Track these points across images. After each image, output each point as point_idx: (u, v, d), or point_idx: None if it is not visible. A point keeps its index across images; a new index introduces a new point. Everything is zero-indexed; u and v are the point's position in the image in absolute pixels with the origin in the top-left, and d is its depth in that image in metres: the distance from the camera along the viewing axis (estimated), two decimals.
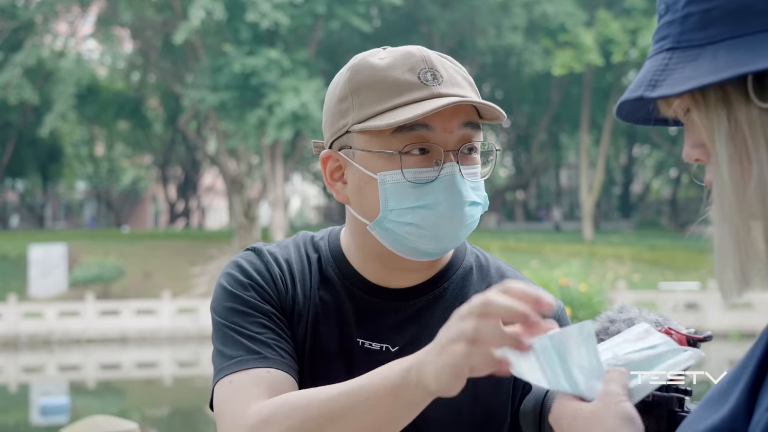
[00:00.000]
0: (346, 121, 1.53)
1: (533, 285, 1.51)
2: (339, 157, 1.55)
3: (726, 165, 0.88)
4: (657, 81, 0.91)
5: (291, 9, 32.17)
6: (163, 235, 42.97)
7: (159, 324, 29.17)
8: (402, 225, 1.49)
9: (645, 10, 35.40)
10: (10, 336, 28.78)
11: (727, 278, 0.89)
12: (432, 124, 1.47)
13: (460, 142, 1.49)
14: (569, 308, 19.02)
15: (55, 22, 40.16)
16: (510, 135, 56.23)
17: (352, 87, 1.53)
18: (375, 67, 1.53)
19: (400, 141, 1.48)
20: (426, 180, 1.47)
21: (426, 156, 1.48)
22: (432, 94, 1.48)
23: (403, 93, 1.48)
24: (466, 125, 1.50)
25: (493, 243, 34.63)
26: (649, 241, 40.08)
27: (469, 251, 1.68)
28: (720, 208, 0.89)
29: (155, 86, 46.60)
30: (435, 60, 1.54)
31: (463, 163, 1.50)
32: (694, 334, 1.08)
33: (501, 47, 38.92)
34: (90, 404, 19.52)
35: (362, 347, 1.57)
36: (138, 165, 58.67)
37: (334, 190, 1.58)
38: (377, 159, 1.50)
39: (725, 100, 0.88)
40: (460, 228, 1.50)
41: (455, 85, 1.51)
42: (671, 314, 1.14)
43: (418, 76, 1.50)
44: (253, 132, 33.11)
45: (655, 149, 54.34)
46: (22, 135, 45.83)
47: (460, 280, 1.62)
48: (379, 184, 1.50)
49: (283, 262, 1.62)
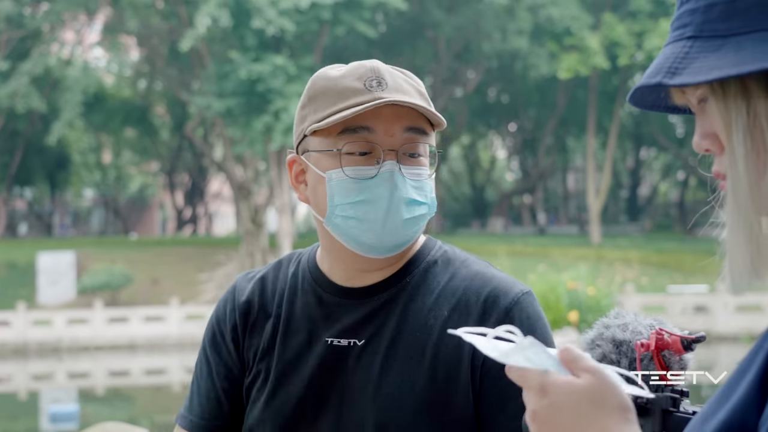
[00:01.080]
0: (304, 126, 1.65)
1: (495, 271, 1.67)
2: (300, 160, 1.68)
3: (742, 158, 0.88)
4: (677, 68, 0.91)
5: (296, 15, 32.22)
6: (171, 242, 43.03)
7: (167, 331, 29.21)
8: (346, 219, 1.60)
9: (651, 13, 35.35)
10: (19, 344, 28.83)
11: (738, 271, 0.89)
12: (374, 126, 1.58)
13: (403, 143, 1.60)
14: (577, 312, 18.97)
15: (61, 31, 40.29)
16: (516, 139, 56.19)
17: (309, 95, 1.66)
18: (329, 77, 1.64)
19: (344, 141, 1.59)
20: (366, 177, 1.58)
21: (368, 156, 1.59)
22: (374, 98, 1.57)
23: (349, 98, 1.59)
24: (409, 130, 1.60)
25: (499, 247, 34.59)
26: (657, 244, 40.00)
27: (437, 248, 1.75)
28: (734, 200, 0.89)
29: (162, 93, 46.70)
30: (384, 70, 1.63)
31: (406, 164, 1.60)
32: (687, 335, 1.10)
33: (506, 51, 38.91)
34: (99, 411, 19.54)
35: (330, 345, 1.67)
36: (145, 172, 58.78)
37: (298, 192, 1.70)
38: (325, 158, 1.61)
39: (745, 92, 0.88)
40: (400, 223, 1.59)
41: (399, 91, 1.60)
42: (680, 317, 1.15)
43: (364, 83, 1.60)
44: (259, 138, 33.15)
45: (662, 152, 54.25)
46: (30, 143, 45.95)
47: (423, 272, 1.69)
48: (327, 181, 1.61)
49: (256, 283, 1.79)
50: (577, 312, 18.86)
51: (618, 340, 1.18)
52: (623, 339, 1.17)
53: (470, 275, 1.66)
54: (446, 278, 1.67)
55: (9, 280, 35.22)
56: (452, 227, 52.91)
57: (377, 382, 1.62)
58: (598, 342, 1.19)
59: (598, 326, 1.22)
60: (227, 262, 35.69)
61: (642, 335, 1.16)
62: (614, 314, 1.22)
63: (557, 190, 63.85)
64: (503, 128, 55.58)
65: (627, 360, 1.15)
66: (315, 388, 1.66)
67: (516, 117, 52.36)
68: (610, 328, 1.20)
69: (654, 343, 1.10)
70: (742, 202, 0.88)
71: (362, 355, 1.64)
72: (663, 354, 1.11)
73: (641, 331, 1.17)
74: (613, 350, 1.18)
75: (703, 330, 1.15)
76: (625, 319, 1.20)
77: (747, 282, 0.89)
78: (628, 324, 1.19)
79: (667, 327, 1.15)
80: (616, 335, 1.18)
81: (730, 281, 0.90)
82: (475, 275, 1.66)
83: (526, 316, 1.58)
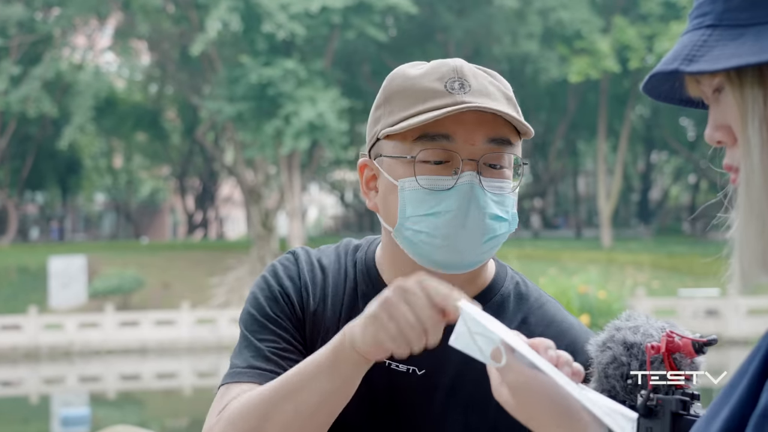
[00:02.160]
0: (377, 129, 1.52)
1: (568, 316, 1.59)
2: (372, 165, 1.54)
3: (758, 149, 0.86)
4: (695, 56, 0.89)
5: (307, 19, 32.26)
6: (182, 246, 43.10)
7: (178, 334, 29.25)
8: (417, 233, 1.46)
9: (661, 15, 35.28)
10: (31, 347, 28.92)
11: (747, 266, 0.88)
12: (453, 134, 1.45)
13: (485, 152, 1.46)
14: (588, 315, 18.94)
15: (73, 36, 40.46)
16: (527, 143, 55.70)
17: (385, 95, 1.52)
18: (407, 76, 1.51)
19: (419, 148, 1.46)
20: (442, 188, 1.44)
21: (445, 165, 1.45)
22: (455, 101, 1.45)
23: (428, 100, 1.46)
24: (492, 141, 1.47)
25: (510, 251, 34.54)
26: (668, 247, 39.88)
27: (510, 277, 1.62)
28: (746, 192, 0.87)
29: (173, 98, 46.81)
30: (467, 70, 1.50)
31: (487, 176, 1.46)
32: (698, 338, 1.10)
33: (517, 55, 38.88)
34: (110, 415, 19.58)
35: (388, 368, 1.53)
36: (156, 176, 58.90)
37: (368, 198, 1.56)
38: (399, 165, 1.48)
39: (762, 82, 0.87)
40: (480, 240, 1.46)
41: (485, 95, 1.47)
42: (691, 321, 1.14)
43: (445, 84, 1.47)
44: (270, 142, 33.20)
45: (673, 155, 54.09)
46: (42, 148, 46.11)
47: (497, 306, 1.56)
48: (399, 190, 1.47)
49: (318, 270, 1.61)
50: (588, 316, 18.80)
51: (629, 343, 1.17)
52: (634, 341, 1.17)
53: (546, 321, 1.56)
54: (519, 318, 1.56)
55: (21, 284, 35.34)
56: None
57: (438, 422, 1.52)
58: (609, 344, 1.19)
59: (609, 328, 1.21)
60: (238, 266, 35.74)
61: (653, 338, 1.16)
62: (625, 316, 1.22)
63: (568, 194, 63.73)
64: None
65: (638, 362, 1.15)
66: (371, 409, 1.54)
67: (526, 120, 52.15)
68: (621, 330, 1.19)
69: (665, 346, 1.10)
70: (755, 195, 0.87)
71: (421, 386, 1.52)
72: (674, 357, 1.10)
73: (652, 334, 1.17)
74: (624, 352, 1.17)
75: (715, 333, 1.14)
76: (636, 321, 1.20)
77: (756, 277, 0.88)
78: (639, 326, 1.18)
79: (678, 330, 1.15)
80: (627, 338, 1.18)
81: (739, 277, 0.89)
82: (551, 322, 1.56)
83: None
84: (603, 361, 1.19)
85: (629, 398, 1.14)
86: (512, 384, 1.14)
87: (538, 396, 1.12)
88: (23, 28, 37.37)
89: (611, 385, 1.16)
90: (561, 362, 1.15)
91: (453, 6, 38.26)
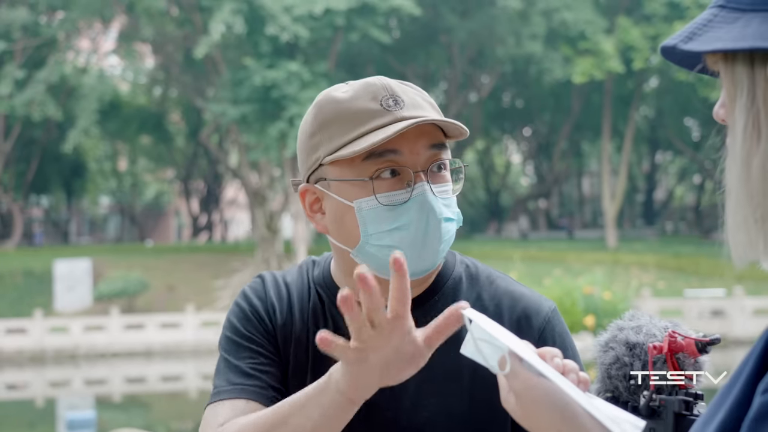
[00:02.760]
0: (318, 155, 1.58)
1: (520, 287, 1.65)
2: (316, 189, 1.61)
3: (740, 133, 0.87)
4: (694, 34, 0.91)
5: (310, 21, 32.27)
6: (187, 249, 43.12)
7: (183, 337, 29.26)
8: (382, 248, 1.54)
9: (665, 16, 35.24)
10: (36, 351, 28.95)
11: (735, 245, 0.89)
12: (399, 148, 1.53)
13: (428, 162, 1.55)
14: (594, 316, 18.91)
15: (77, 39, 40.50)
16: (531, 144, 56.09)
17: (318, 122, 1.58)
18: (338, 101, 1.57)
19: (371, 167, 1.53)
20: (400, 202, 1.52)
21: (397, 179, 1.54)
22: (395, 118, 1.52)
23: (368, 121, 1.53)
24: (432, 146, 1.55)
25: (515, 252, 34.52)
26: (673, 248, 39.83)
27: (459, 261, 1.71)
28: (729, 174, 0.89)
29: (177, 101, 46.85)
30: (395, 87, 1.58)
31: (434, 182, 1.55)
32: (701, 338, 1.09)
33: (521, 56, 38.85)
34: (116, 418, 19.59)
35: None
36: (161, 179, 58.97)
37: (314, 222, 1.63)
38: (351, 187, 1.55)
39: (750, 71, 0.87)
40: (439, 245, 1.55)
41: (417, 107, 1.56)
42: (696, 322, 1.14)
43: (380, 103, 1.54)
44: (274, 144, 33.20)
45: (678, 156, 54.03)
46: (46, 151, 46.17)
47: (451, 291, 1.65)
48: (357, 211, 1.55)
49: (284, 287, 1.71)
50: (594, 316, 18.81)
51: (631, 343, 1.17)
52: (637, 341, 1.16)
53: (498, 294, 1.64)
54: (473, 297, 1.64)
55: (26, 287, 35.38)
56: (468, 232, 52.86)
57: (414, 404, 1.59)
58: (612, 344, 1.18)
59: (612, 328, 1.20)
60: (243, 268, 35.72)
61: (656, 338, 1.15)
62: (629, 316, 1.21)
63: (572, 195, 63.68)
64: (518, 133, 55.49)
65: (640, 362, 1.14)
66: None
67: (531, 121, 52.26)
68: (624, 330, 1.18)
69: (667, 346, 1.09)
70: (734, 179, 0.89)
71: None
72: (677, 357, 1.10)
73: (655, 334, 1.16)
74: (627, 353, 1.16)
75: (720, 334, 1.14)
76: (639, 321, 1.19)
77: (746, 258, 0.89)
78: (642, 326, 1.17)
79: (681, 330, 1.14)
80: (630, 338, 1.17)
81: (731, 254, 0.90)
82: (504, 294, 1.64)
83: (558, 333, 1.55)
84: (606, 361, 1.18)
85: (632, 399, 1.13)
86: (519, 392, 1.14)
87: (545, 404, 1.12)
88: (27, 32, 37.43)
89: (614, 386, 1.16)
90: (567, 370, 1.18)
91: (456, 7, 38.25)
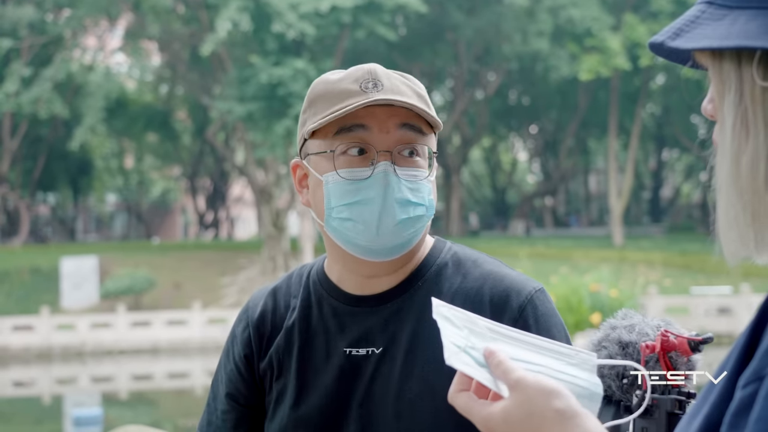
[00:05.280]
0: (304, 130, 1.66)
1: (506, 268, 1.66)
2: (302, 164, 1.69)
3: (729, 131, 0.87)
4: (681, 30, 0.91)
5: (317, 19, 32.26)
6: (193, 246, 43.17)
7: (190, 334, 29.30)
8: (343, 221, 1.60)
9: (672, 13, 35.15)
10: (43, 348, 29.02)
11: (727, 242, 0.89)
12: (369, 124, 1.58)
13: (398, 143, 1.59)
14: (600, 314, 18.89)
15: (83, 37, 40.55)
16: (537, 141, 56.02)
17: (309, 100, 1.66)
18: (327, 81, 1.65)
19: (341, 142, 1.59)
20: (361, 177, 1.57)
21: (363, 156, 1.59)
22: (368, 99, 1.56)
23: (344, 100, 1.58)
24: (404, 126, 1.59)
25: (521, 249, 34.49)
26: (680, 245, 39.75)
27: (447, 249, 1.73)
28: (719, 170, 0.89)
29: (183, 98, 46.88)
30: (381, 72, 1.62)
31: (402, 165, 1.59)
32: (694, 337, 1.08)
33: (527, 53, 38.81)
34: (123, 415, 19.63)
35: (349, 355, 1.66)
36: (167, 177, 59.03)
37: (301, 196, 1.71)
38: (323, 161, 1.62)
39: (737, 69, 0.87)
40: (394, 223, 1.57)
41: (396, 93, 1.59)
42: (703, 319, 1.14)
43: (360, 85, 1.59)
44: (280, 142, 33.21)
45: (684, 153, 53.94)
46: (53, 149, 46.26)
47: (434, 275, 1.68)
48: (324, 184, 1.61)
49: (268, 304, 1.77)
50: (600, 314, 18.77)
51: (624, 342, 1.16)
52: (629, 340, 1.16)
53: (482, 275, 1.65)
54: (458, 280, 1.66)
55: (33, 285, 35.45)
56: (474, 230, 52.84)
57: (398, 389, 1.61)
58: (605, 343, 1.18)
59: (605, 327, 1.20)
60: (249, 266, 35.77)
61: (649, 337, 1.15)
62: (622, 315, 1.21)
63: (579, 192, 63.61)
64: (524, 130, 55.43)
65: (633, 361, 1.14)
66: (336, 399, 1.65)
67: (537, 119, 52.20)
68: (617, 329, 1.18)
69: (660, 345, 1.09)
70: (724, 175, 0.89)
71: (381, 363, 1.64)
72: (670, 356, 1.09)
73: (648, 333, 1.16)
74: (619, 352, 1.16)
75: (727, 332, 1.14)
76: (632, 320, 1.19)
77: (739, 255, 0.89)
78: (634, 325, 1.17)
79: (674, 328, 1.13)
80: (623, 337, 1.17)
81: (724, 252, 0.90)
82: (488, 275, 1.64)
83: (540, 313, 1.55)
84: None
85: (625, 398, 1.12)
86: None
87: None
88: (34, 30, 37.48)
89: (607, 385, 1.15)
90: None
91: (463, 5, 38.21)
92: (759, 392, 0.81)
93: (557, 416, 0.95)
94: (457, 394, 1.03)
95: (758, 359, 0.83)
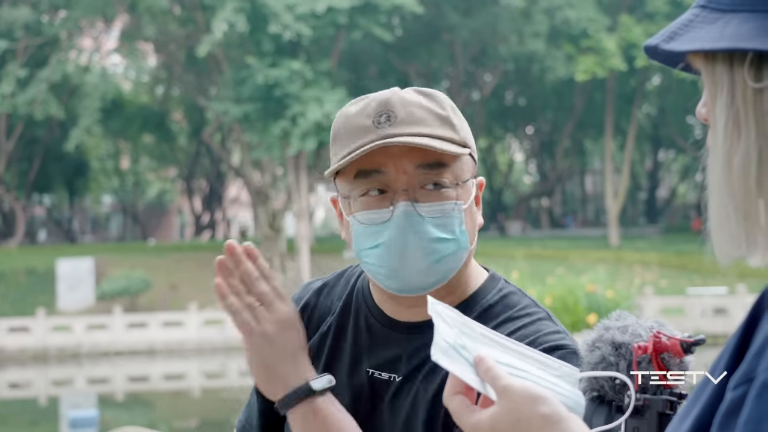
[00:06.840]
0: (328, 172, 1.59)
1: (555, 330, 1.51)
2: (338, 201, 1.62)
3: (721, 131, 0.88)
4: (675, 34, 0.91)
5: (313, 20, 32.27)
6: (189, 248, 43.15)
7: (186, 336, 29.30)
8: (367, 265, 1.55)
9: (668, 14, 35.20)
10: (39, 349, 29.00)
11: (719, 243, 0.90)
12: (384, 168, 1.50)
13: (418, 180, 1.50)
14: (596, 315, 18.90)
15: (79, 38, 40.54)
16: (534, 142, 56.09)
17: (332, 134, 1.59)
18: (345, 115, 1.56)
19: (361, 186, 1.52)
20: (380, 221, 1.50)
21: (383, 196, 1.51)
22: (379, 136, 1.48)
23: (358, 138, 1.51)
24: (422, 166, 1.50)
25: (517, 250, 34.51)
26: (676, 246, 39.80)
27: (497, 290, 1.63)
28: (711, 172, 0.90)
29: (179, 99, 46.88)
30: (396, 101, 1.53)
31: (425, 200, 1.50)
32: (686, 338, 1.09)
33: (523, 54, 38.86)
34: (119, 416, 19.62)
35: (371, 377, 1.63)
36: (163, 178, 59.02)
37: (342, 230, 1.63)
38: (347, 202, 1.56)
39: (729, 71, 0.88)
40: (424, 264, 1.50)
41: (412, 123, 1.50)
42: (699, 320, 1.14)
43: (372, 120, 1.51)
44: (277, 143, 33.22)
45: (680, 154, 54.04)
46: (49, 150, 46.22)
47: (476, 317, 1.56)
48: (350, 226, 1.56)
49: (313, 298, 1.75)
50: (596, 315, 18.78)
51: (617, 343, 1.17)
52: (622, 341, 1.17)
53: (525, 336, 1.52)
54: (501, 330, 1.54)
55: (29, 286, 35.43)
56: None
57: (406, 419, 1.58)
58: (598, 344, 1.18)
59: (598, 328, 1.21)
60: None
61: (641, 338, 1.15)
62: (615, 316, 1.22)
63: (575, 193, 63.68)
64: (521, 131, 55.50)
65: (626, 362, 1.14)
66: (355, 415, 1.57)
67: (533, 120, 52.26)
68: (610, 330, 1.19)
69: (652, 346, 1.09)
70: (716, 176, 0.89)
71: (399, 391, 1.60)
72: (662, 357, 1.10)
73: (641, 334, 1.16)
74: (612, 352, 1.17)
75: (723, 332, 1.14)
76: (625, 321, 1.19)
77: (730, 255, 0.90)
78: (628, 326, 1.18)
79: (667, 330, 1.14)
80: (616, 338, 1.17)
81: (716, 254, 0.91)
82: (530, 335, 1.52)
83: None
84: (591, 361, 1.18)
85: (617, 398, 1.13)
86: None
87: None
88: (30, 31, 37.45)
89: (600, 385, 1.16)
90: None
91: (459, 6, 38.25)
92: (749, 394, 0.82)
93: (544, 421, 0.95)
94: (452, 397, 1.03)
95: (748, 361, 0.84)
